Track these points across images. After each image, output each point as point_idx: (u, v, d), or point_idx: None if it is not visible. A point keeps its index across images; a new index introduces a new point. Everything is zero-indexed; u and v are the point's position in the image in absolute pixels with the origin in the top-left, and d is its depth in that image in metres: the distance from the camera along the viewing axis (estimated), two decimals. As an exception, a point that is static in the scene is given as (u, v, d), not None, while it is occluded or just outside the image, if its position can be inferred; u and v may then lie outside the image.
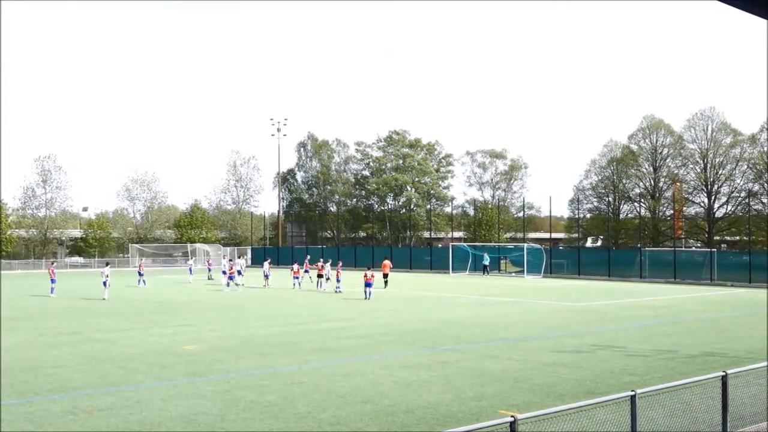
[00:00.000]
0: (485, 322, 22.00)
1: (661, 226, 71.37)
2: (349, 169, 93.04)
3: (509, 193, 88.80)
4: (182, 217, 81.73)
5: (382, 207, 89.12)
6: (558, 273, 49.96)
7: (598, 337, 18.30)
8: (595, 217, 76.29)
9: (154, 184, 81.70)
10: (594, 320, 22.60)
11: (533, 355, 15.31)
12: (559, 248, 75.76)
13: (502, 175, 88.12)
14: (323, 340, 17.75)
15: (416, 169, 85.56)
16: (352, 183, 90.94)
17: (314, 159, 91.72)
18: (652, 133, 72.33)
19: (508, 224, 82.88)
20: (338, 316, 23.70)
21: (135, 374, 13.22)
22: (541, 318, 23.15)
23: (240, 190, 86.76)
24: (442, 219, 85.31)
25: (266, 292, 34.87)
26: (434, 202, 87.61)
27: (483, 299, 31.05)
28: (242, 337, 18.19)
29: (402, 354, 15.55)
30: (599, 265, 48.52)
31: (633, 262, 47.28)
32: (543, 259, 50.20)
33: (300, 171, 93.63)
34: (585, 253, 54.97)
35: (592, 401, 7.22)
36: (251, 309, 26.65)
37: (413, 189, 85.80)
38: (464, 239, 75.03)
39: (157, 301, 30.05)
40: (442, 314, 24.35)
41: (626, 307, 27.57)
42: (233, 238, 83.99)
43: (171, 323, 21.57)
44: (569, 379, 12.69)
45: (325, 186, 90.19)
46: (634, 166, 73.22)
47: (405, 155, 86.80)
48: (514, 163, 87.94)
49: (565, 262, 51.41)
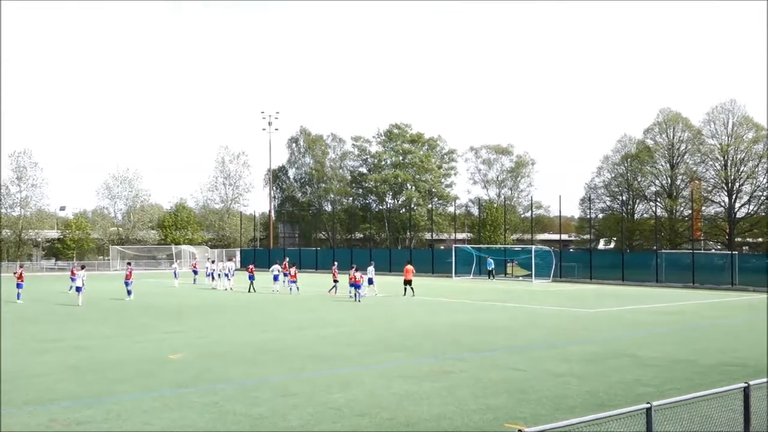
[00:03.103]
0: (490, 328, 22.01)
1: (679, 226, 71.45)
2: (345, 165, 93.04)
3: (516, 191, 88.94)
4: (167, 216, 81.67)
5: (380, 206, 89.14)
6: (568, 277, 49.99)
7: (611, 346, 18.32)
8: (608, 217, 76.36)
9: (136, 182, 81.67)
10: (606, 327, 22.63)
11: (541, 364, 15.33)
12: (569, 250, 75.85)
13: (509, 172, 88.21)
14: (318, 347, 17.77)
15: (417, 165, 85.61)
16: (348, 180, 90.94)
17: (308, 155, 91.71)
18: (669, 127, 72.41)
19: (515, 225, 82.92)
20: (334, 322, 23.71)
21: (117, 384, 13.23)
22: (550, 325, 23.17)
23: (228, 188, 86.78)
24: (444, 219, 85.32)
25: (256, 296, 34.89)
26: (436, 201, 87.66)
27: (488, 304, 31.08)
28: (231, 345, 18.21)
29: (402, 363, 15.57)
30: (612, 268, 48.55)
31: (648, 266, 47.32)
32: (552, 262, 50.24)
33: (292, 168, 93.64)
34: (597, 255, 55.03)
35: (604, 414, 7.24)
36: (241, 314, 26.64)
37: (414, 187, 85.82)
38: (468, 241, 75.06)
39: (141, 306, 30.04)
40: (444, 320, 24.35)
41: (641, 313, 27.58)
42: (221, 240, 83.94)
43: (156, 330, 21.58)
44: (580, 390, 12.72)
45: (320, 184, 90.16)
46: (649, 162, 73.29)
47: (405, 151, 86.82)
48: (521, 160, 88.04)
49: (575, 265, 51.45)
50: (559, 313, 27.15)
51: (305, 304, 31.51)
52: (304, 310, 28.30)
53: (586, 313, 27.17)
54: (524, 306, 30.25)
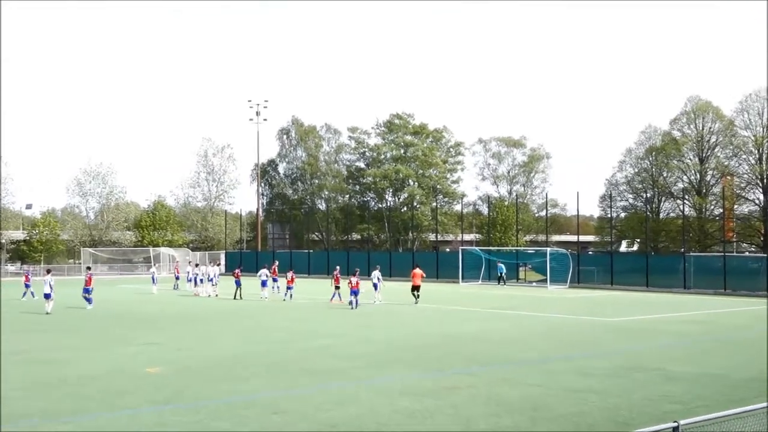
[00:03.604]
0: (501, 339, 22.03)
1: (709, 227, 71.50)
2: (340, 159, 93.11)
3: (529, 188, 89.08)
4: (144, 216, 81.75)
5: (380, 204, 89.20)
6: (587, 282, 50.03)
7: (635, 358, 18.34)
8: (631, 216, 76.40)
9: (110, 178, 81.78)
10: (629, 338, 22.65)
11: (557, 379, 15.35)
12: (588, 253, 75.83)
13: (521, 167, 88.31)
14: (310, 360, 17.78)
15: (420, 159, 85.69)
16: (344, 176, 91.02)
17: (299, 148, 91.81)
18: (698, 117, 72.46)
19: (528, 225, 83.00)
20: (328, 332, 23.74)
21: (89, 402, 13.22)
22: (567, 335, 23.20)
23: (212, 184, 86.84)
24: (450, 219, 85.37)
25: (243, 304, 34.93)
26: (441, 198, 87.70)
27: (498, 313, 31.10)
28: (215, 358, 18.21)
29: (403, 377, 15.58)
30: (635, 273, 48.60)
31: (675, 270, 47.36)
32: (569, 266, 50.29)
33: (283, 162, 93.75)
34: (619, 258, 55.04)
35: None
36: (226, 324, 26.66)
37: (417, 183, 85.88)
38: (476, 242, 75.08)
39: (115, 315, 30.03)
40: (450, 330, 24.37)
41: (667, 322, 27.61)
42: (204, 241, 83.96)
43: (131, 341, 21.58)
44: (600, 407, 12.73)
45: (313, 180, 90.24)
46: (676, 156, 73.34)
47: (407, 143, 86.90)
48: (535, 153, 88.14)
49: (595, 269, 51.49)
50: (577, 323, 27.17)
51: (298, 312, 31.50)
52: (296, 319, 28.30)
53: (606, 323, 27.19)
54: (538, 315, 30.28)
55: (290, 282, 37.42)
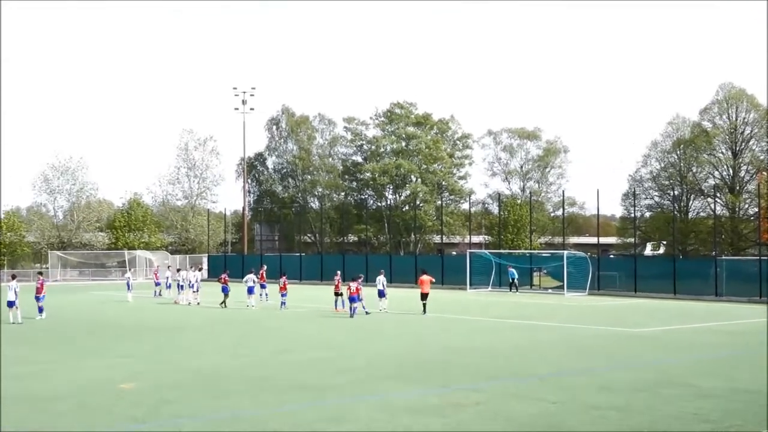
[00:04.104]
0: (512, 352, 22.06)
1: (743, 228, 71.56)
2: (335, 153, 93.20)
3: (544, 185, 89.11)
4: (118, 215, 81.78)
5: (379, 203, 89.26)
6: (608, 289, 50.07)
7: (661, 372, 18.37)
8: (657, 216, 76.46)
9: (81, 173, 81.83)
10: (655, 350, 22.67)
11: (575, 395, 15.38)
12: (609, 257, 75.85)
13: (535, 161, 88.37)
14: (303, 374, 17.81)
15: (424, 153, 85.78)
16: (339, 171, 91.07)
17: (290, 140, 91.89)
18: (731, 107, 72.55)
19: (543, 226, 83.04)
20: (322, 343, 23.77)
21: (58, 419, 13.25)
22: (586, 347, 23.24)
23: (193, 180, 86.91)
24: (457, 219, 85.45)
25: (228, 313, 34.96)
26: (447, 196, 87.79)
27: (510, 323, 31.14)
28: (197, 372, 18.24)
29: (405, 393, 15.60)
30: (662, 278, 48.62)
31: (706, 276, 47.40)
32: (588, 271, 50.33)
33: (272, 156, 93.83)
34: (643, 263, 55.04)
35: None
36: (209, 334, 26.71)
37: (420, 179, 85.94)
38: (486, 245, 75.12)
39: (86, 325, 30.06)
40: (456, 342, 24.40)
41: (697, 333, 27.66)
42: (184, 244, 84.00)
43: (104, 353, 21.61)
44: (623, 426, 12.76)
45: (305, 175, 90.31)
46: (707, 149, 73.42)
47: (410, 135, 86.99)
48: (551, 147, 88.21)
49: (617, 274, 51.54)
50: (597, 334, 27.22)
51: (289, 322, 31.51)
52: (287, 330, 28.33)
53: (630, 334, 27.22)
54: (554, 325, 30.30)
55: (282, 289, 37.45)
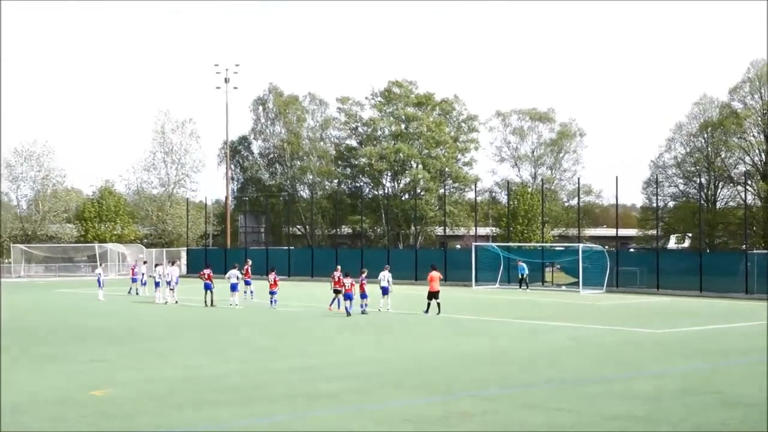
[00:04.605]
0: (523, 356, 22.10)
1: (776, 219, 71.55)
2: (328, 136, 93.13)
3: (558, 171, 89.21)
4: (88, 205, 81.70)
5: (375, 191, 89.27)
6: (628, 286, 50.12)
7: (686, 379, 18.41)
8: (681, 206, 76.54)
9: (46, 159, 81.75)
10: (679, 354, 22.72)
11: (592, 403, 15.41)
12: (629, 250, 75.86)
13: (548, 145, 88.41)
14: (293, 382, 17.80)
15: (425, 136, 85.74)
16: (332, 157, 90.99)
17: (278, 122, 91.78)
18: (764, 86, 72.50)
19: (557, 216, 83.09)
20: (316, 348, 23.76)
21: None
22: (604, 351, 23.28)
23: (171, 167, 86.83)
24: (461, 209, 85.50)
25: (212, 313, 34.98)
26: (450, 184, 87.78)
27: (520, 323, 31.19)
28: (176, 379, 18.23)
29: (405, 402, 15.62)
30: (687, 274, 48.68)
31: (735, 271, 47.44)
32: (606, 267, 50.38)
33: (257, 139, 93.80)
34: (667, 257, 55.06)
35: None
36: (189, 337, 26.71)
37: (421, 165, 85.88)
38: (493, 237, 75.12)
39: (51, 327, 30.00)
40: (462, 345, 24.44)
41: (726, 335, 27.73)
42: (161, 236, 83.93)
43: (72, 358, 21.57)
44: (644, 438, 12.78)
45: (294, 161, 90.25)
46: (737, 133, 73.45)
47: (409, 117, 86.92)
48: (565, 130, 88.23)
49: (637, 270, 51.55)
50: (615, 336, 27.25)
51: (279, 323, 31.51)
52: (276, 332, 28.35)
53: (652, 336, 27.26)
54: (569, 325, 30.34)
55: (273, 286, 37.40)
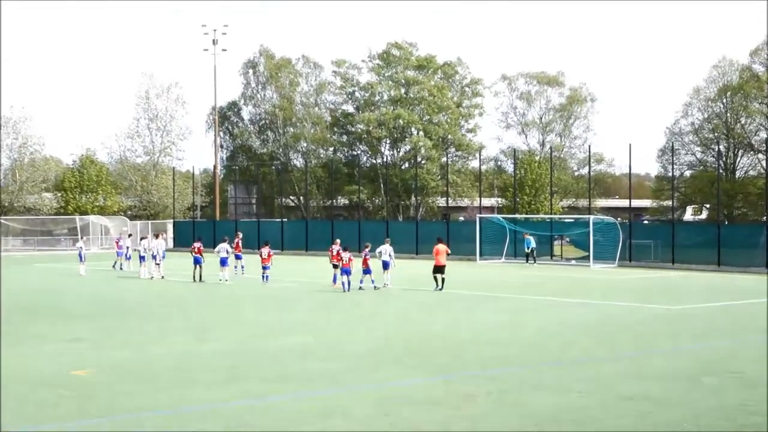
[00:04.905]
0: (530, 334, 22.11)
1: (799, 189, 71.45)
2: (323, 101, 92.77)
3: (568, 139, 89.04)
4: (68, 175, 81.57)
5: (374, 160, 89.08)
6: (642, 260, 50.15)
7: (704, 358, 18.45)
8: (699, 175, 76.43)
9: (23, 126, 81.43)
10: (695, 332, 22.75)
11: (605, 384, 15.42)
12: (642, 222, 75.89)
13: (557, 111, 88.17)
14: (288, 361, 17.83)
15: (427, 101, 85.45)
16: (327, 123, 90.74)
17: (269, 87, 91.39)
18: (787, 47, 72.11)
19: (566, 186, 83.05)
20: (308, 325, 23.79)
21: None
22: (616, 328, 23.28)
23: (156, 134, 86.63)
24: (465, 178, 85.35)
25: (200, 289, 35.03)
26: (453, 152, 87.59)
27: (527, 299, 31.21)
28: (162, 358, 18.26)
29: (406, 383, 15.63)
30: (704, 248, 48.65)
31: (755, 244, 47.41)
32: (619, 240, 50.37)
33: (248, 105, 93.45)
34: (683, 229, 55.04)
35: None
36: (176, 314, 26.77)
37: (422, 132, 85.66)
38: (499, 209, 75.10)
39: (30, 304, 29.99)
40: (466, 323, 24.48)
41: (745, 312, 27.71)
42: (146, 208, 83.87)
43: (53, 336, 21.59)
44: (659, 420, 12.79)
45: (287, 128, 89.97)
46: (758, 97, 73.20)
47: (410, 81, 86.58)
48: (576, 95, 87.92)
49: (651, 243, 51.53)
50: (628, 312, 27.25)
51: (272, 299, 31.55)
52: (268, 309, 28.37)
53: (667, 312, 27.31)
54: (579, 302, 30.40)
55: (266, 260, 37.38)
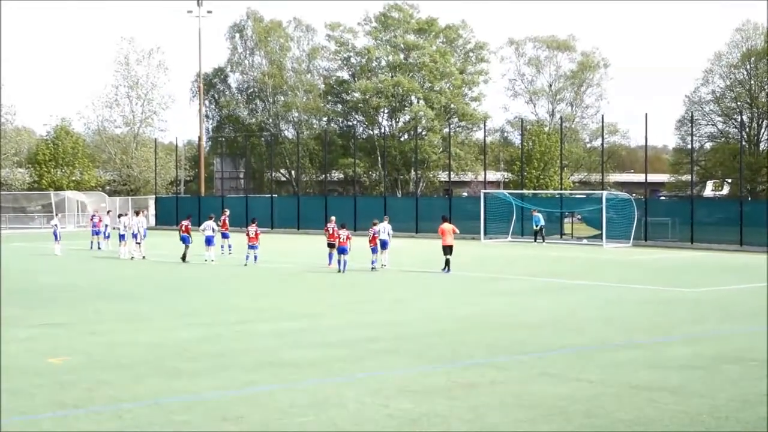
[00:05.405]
0: (539, 319, 22.14)
1: (828, 162, 71.50)
2: (315, 68, 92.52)
3: (579, 108, 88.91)
4: (42, 147, 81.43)
5: (370, 131, 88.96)
6: (658, 239, 50.23)
7: (723, 345, 18.48)
8: (720, 147, 76.39)
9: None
10: (715, 317, 22.78)
11: (617, 372, 15.46)
12: (659, 198, 75.94)
13: (568, 78, 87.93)
14: (275, 348, 17.88)
15: (428, 68, 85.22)
16: (321, 91, 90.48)
17: (258, 52, 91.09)
18: (817, 9, 71.91)
19: (577, 160, 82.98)
20: (300, 310, 23.82)
21: (-32, 405, 13.26)
22: (631, 313, 23.33)
23: (136, 103, 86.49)
24: (469, 151, 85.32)
25: (185, 270, 35.06)
26: (456, 123, 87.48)
27: (535, 282, 31.24)
28: (144, 345, 18.28)
29: (404, 371, 15.67)
30: (726, 225, 48.73)
31: (780, 222, 47.47)
32: (634, 217, 50.42)
33: (235, 72, 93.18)
34: (702, 206, 55.11)
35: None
36: (159, 297, 26.79)
37: (422, 101, 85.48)
38: (505, 184, 75.07)
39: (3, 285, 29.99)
40: (468, 307, 24.50)
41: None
42: (126, 183, 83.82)
43: (27, 321, 21.61)
44: (675, 411, 12.82)
45: (277, 96, 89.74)
46: (785, 64, 72.95)
47: (409, 46, 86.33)
48: (588, 60, 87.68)
49: (669, 221, 51.60)
50: (644, 296, 27.30)
51: (261, 282, 31.59)
52: (258, 293, 28.39)
53: (685, 295, 27.35)
54: (591, 284, 30.45)
55: (253, 239, 37.43)
